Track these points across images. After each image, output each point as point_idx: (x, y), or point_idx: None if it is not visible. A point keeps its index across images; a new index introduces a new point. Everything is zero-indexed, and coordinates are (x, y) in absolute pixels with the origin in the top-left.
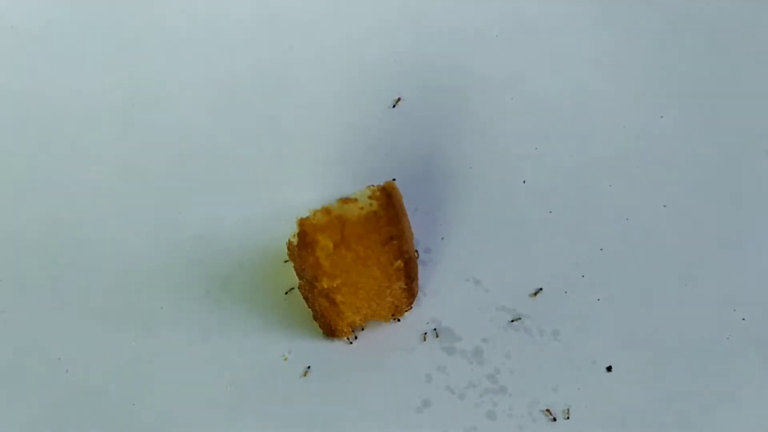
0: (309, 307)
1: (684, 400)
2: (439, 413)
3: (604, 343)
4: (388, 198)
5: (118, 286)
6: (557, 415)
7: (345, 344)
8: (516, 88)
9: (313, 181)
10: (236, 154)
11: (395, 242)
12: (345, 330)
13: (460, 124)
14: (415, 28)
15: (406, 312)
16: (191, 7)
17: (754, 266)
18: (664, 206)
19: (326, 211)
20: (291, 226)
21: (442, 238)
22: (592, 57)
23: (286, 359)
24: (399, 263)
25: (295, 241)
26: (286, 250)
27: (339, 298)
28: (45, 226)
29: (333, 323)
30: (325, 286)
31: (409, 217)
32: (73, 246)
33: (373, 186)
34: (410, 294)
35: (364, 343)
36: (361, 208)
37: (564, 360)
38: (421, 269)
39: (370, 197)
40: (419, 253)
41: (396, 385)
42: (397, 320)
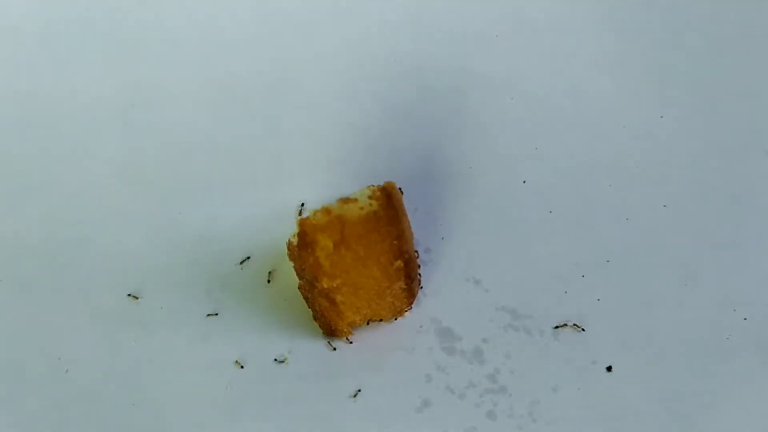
0: (309, 307)
1: (684, 400)
2: (439, 413)
3: (604, 343)
4: (388, 198)
5: (118, 286)
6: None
7: (345, 344)
8: (516, 88)
9: (313, 181)
10: (236, 154)
11: (395, 242)
12: (345, 330)
13: (460, 124)
14: (415, 28)
15: (406, 312)
16: (191, 7)
17: (754, 266)
18: (664, 206)
19: (326, 211)
20: (291, 226)
21: (442, 238)
22: (592, 57)
23: (286, 359)
24: (399, 263)
25: (295, 241)
26: (286, 250)
27: (339, 298)
28: (45, 226)
29: (333, 323)
30: (325, 286)
31: (409, 217)
32: (73, 246)
33: (373, 186)
34: (410, 294)
35: (364, 343)
36: (361, 208)
37: (564, 360)
38: (421, 269)
39: (370, 197)
40: (419, 253)
41: (396, 385)
42: (398, 320)
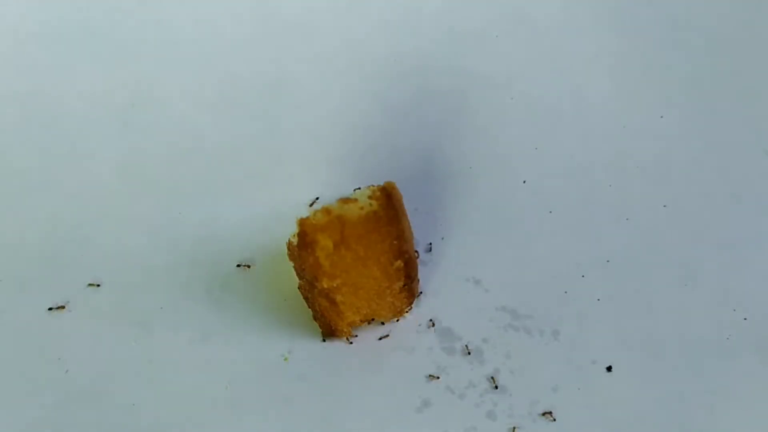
0: (309, 307)
1: (684, 400)
2: (439, 413)
3: (604, 343)
4: (388, 198)
5: (118, 286)
6: (557, 416)
7: (345, 344)
8: (516, 88)
9: (313, 181)
10: (236, 154)
11: (395, 242)
12: (345, 330)
13: (460, 124)
14: (415, 28)
15: (406, 312)
16: (191, 7)
17: (754, 266)
18: (664, 206)
19: (326, 211)
20: (291, 226)
21: (442, 238)
22: (592, 57)
23: (286, 359)
24: (399, 263)
25: (295, 241)
26: (286, 250)
27: (339, 298)
28: (45, 226)
29: (333, 323)
30: (325, 286)
31: (409, 217)
32: (73, 246)
33: (373, 186)
34: (410, 294)
35: (364, 343)
36: (361, 208)
37: (564, 360)
38: (421, 269)
39: (370, 197)
40: (419, 253)
41: (396, 385)
42: (398, 320)
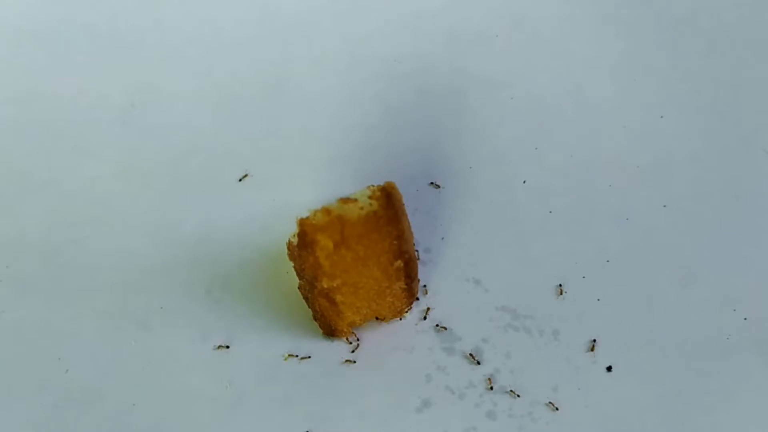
0: (309, 307)
1: (684, 400)
2: (439, 413)
3: (604, 343)
4: (388, 198)
5: (118, 286)
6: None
7: (345, 344)
8: (516, 88)
9: (313, 181)
10: (236, 154)
11: (395, 242)
12: (345, 330)
13: (460, 124)
14: (415, 28)
15: (406, 312)
16: (191, 7)
17: (754, 266)
18: (664, 206)
19: (326, 211)
20: (291, 226)
21: (442, 238)
22: (592, 57)
23: (286, 359)
24: (399, 263)
25: (295, 241)
26: (286, 250)
27: (339, 298)
28: (45, 226)
29: (333, 323)
30: (325, 286)
31: (409, 217)
32: (73, 246)
33: (373, 186)
34: (410, 294)
35: (364, 343)
36: (361, 208)
37: (564, 360)
38: (421, 269)
39: (370, 197)
40: (419, 253)
41: (396, 385)
42: (398, 320)
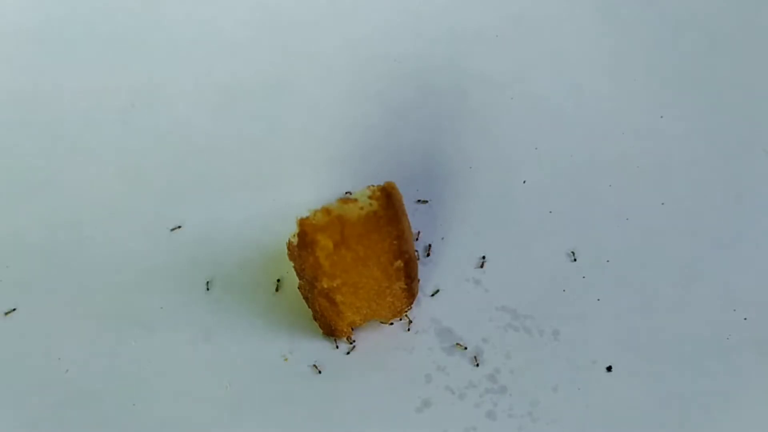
0: (309, 307)
1: (684, 400)
2: (439, 413)
3: (604, 343)
4: (388, 198)
5: (118, 286)
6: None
7: (345, 344)
8: (516, 88)
9: (313, 181)
10: (236, 154)
11: (395, 242)
12: (345, 330)
13: (460, 124)
14: (415, 28)
15: (406, 312)
16: (191, 7)
17: (754, 266)
18: (664, 206)
19: (326, 211)
20: (291, 226)
21: (442, 238)
22: (592, 57)
23: (286, 359)
24: (399, 263)
25: (295, 241)
26: (286, 250)
27: (339, 298)
28: (45, 226)
29: (333, 323)
30: (325, 286)
31: (409, 217)
32: (73, 246)
33: (373, 186)
34: (410, 294)
35: (364, 343)
36: (361, 208)
37: (564, 360)
38: (421, 269)
39: (370, 197)
40: (419, 253)
41: (396, 385)
42: (398, 320)
